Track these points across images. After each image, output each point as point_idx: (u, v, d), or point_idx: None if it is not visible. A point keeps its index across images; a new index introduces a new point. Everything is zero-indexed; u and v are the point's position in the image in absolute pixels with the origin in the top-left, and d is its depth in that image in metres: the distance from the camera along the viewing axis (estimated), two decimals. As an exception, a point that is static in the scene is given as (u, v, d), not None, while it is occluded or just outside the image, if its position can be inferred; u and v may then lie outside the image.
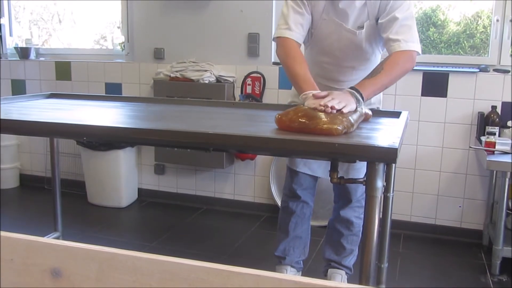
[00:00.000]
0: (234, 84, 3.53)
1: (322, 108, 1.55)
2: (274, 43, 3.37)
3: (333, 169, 1.57)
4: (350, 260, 2.41)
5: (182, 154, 3.55)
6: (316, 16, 2.00)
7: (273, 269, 2.44)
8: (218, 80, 3.48)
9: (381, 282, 1.95)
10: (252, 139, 1.43)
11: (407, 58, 1.87)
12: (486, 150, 2.66)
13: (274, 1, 3.41)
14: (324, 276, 2.44)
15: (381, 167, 1.38)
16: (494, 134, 2.77)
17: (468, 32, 3.35)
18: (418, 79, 3.17)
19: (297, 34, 1.98)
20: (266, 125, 1.64)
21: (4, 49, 4.28)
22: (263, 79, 3.48)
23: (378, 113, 1.97)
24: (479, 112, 3.03)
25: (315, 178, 2.36)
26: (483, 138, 2.80)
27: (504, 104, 3.03)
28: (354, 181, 1.54)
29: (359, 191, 2.28)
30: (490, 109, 2.98)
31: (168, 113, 2.08)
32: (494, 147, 2.66)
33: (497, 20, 3.08)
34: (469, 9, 3.35)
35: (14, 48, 4.22)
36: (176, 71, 3.50)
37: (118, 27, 4.07)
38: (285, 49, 1.99)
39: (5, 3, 4.28)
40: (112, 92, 3.86)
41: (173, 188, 3.88)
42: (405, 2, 1.91)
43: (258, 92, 3.49)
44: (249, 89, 3.51)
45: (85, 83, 3.98)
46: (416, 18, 3.38)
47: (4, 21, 4.28)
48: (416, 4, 3.43)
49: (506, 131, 2.93)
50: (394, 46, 1.86)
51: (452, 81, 3.11)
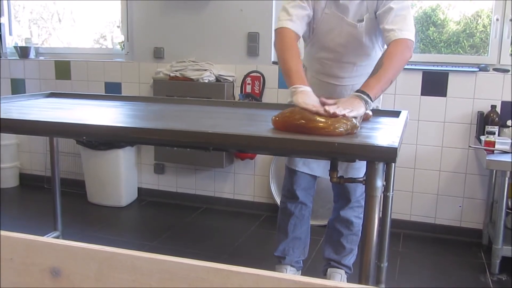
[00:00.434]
0: (233, 84, 3.53)
1: (321, 111, 1.54)
2: (273, 42, 3.40)
3: (333, 169, 1.57)
4: (350, 260, 2.42)
5: (181, 153, 3.54)
6: (318, 11, 2.03)
7: (273, 268, 2.44)
8: (217, 79, 3.48)
9: (380, 281, 1.95)
10: (251, 138, 1.43)
11: (403, 47, 1.85)
12: (485, 150, 2.66)
13: (274, 1, 3.41)
14: (324, 275, 2.45)
15: (380, 167, 1.38)
16: (493, 133, 2.77)
17: (468, 31, 3.35)
18: (418, 78, 3.17)
19: (297, 26, 1.98)
20: (266, 125, 1.64)
21: (4, 48, 4.28)
22: (263, 79, 3.48)
23: (377, 113, 1.97)
24: (478, 112, 3.03)
25: (314, 177, 2.36)
26: (482, 138, 2.80)
27: (503, 103, 3.03)
28: (354, 180, 1.54)
29: (358, 191, 2.29)
30: (490, 108, 2.98)
31: (168, 113, 2.08)
32: (494, 147, 2.66)
33: (497, 20, 3.08)
34: (469, 8, 3.35)
35: (14, 47, 4.22)
36: (176, 71, 3.50)
37: (118, 27, 4.06)
38: (282, 40, 1.98)
39: (4, 2, 4.27)
40: (112, 92, 3.86)
41: (173, 187, 3.88)
42: None
43: (257, 92, 3.49)
44: (248, 89, 3.51)
45: (84, 82, 3.98)
46: (416, 18, 3.41)
47: (4, 20, 4.28)
48: (416, 3, 3.43)
49: (506, 130, 2.93)
50: (389, 35, 1.87)
51: (452, 80, 3.11)
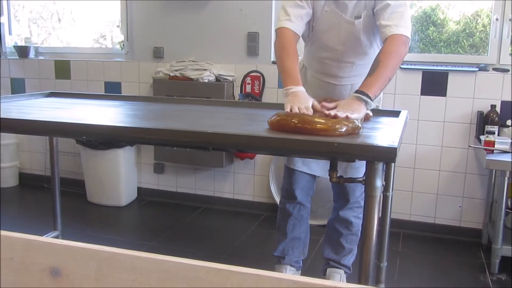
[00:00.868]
0: (233, 83, 3.53)
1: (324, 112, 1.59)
2: (273, 42, 3.40)
3: (332, 168, 1.57)
4: (349, 260, 2.42)
5: (181, 153, 3.54)
6: (317, 10, 2.05)
7: (272, 268, 2.44)
8: (217, 79, 3.48)
9: (380, 281, 1.95)
10: (251, 138, 1.43)
11: (399, 43, 1.85)
12: (485, 149, 2.66)
13: (273, 0, 3.41)
14: (323, 275, 2.45)
15: (380, 167, 1.38)
16: (493, 133, 2.77)
17: (467, 31, 3.35)
18: (418, 78, 3.17)
19: (296, 25, 2.00)
20: (266, 125, 1.64)
21: (4, 48, 4.28)
22: (263, 78, 3.48)
23: (377, 112, 1.98)
24: (478, 111, 3.03)
25: (314, 177, 2.37)
26: (482, 137, 2.80)
27: (503, 103, 3.03)
28: (353, 180, 1.54)
29: (358, 191, 2.29)
30: (490, 108, 2.98)
31: (168, 112, 2.08)
32: (494, 146, 2.66)
33: (497, 19, 3.08)
34: (468, 8, 3.35)
35: (14, 46, 4.22)
36: (176, 70, 3.50)
37: (118, 26, 4.06)
38: (281, 41, 2.01)
39: (4, 1, 4.27)
40: (112, 91, 3.86)
41: (173, 187, 3.88)
42: None
43: (257, 91, 3.49)
44: (248, 88, 3.51)
45: (84, 82, 3.98)
46: (416, 17, 3.41)
47: (4, 19, 4.28)
48: (415, 3, 3.43)
49: (506, 130, 2.93)
50: (385, 31, 1.87)
51: (452, 80, 3.11)
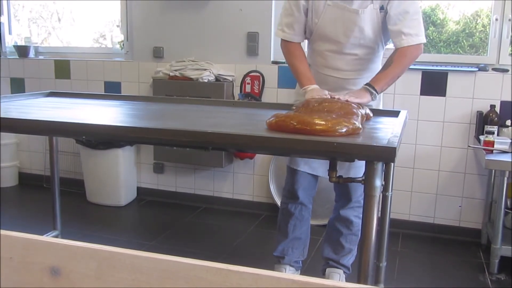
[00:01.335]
0: (233, 83, 3.53)
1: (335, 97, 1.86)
2: (273, 42, 3.43)
3: (332, 168, 1.57)
4: (349, 260, 2.42)
5: (181, 153, 3.55)
6: (319, 6, 2.11)
7: (272, 268, 2.44)
8: (217, 79, 3.48)
9: (379, 281, 1.96)
10: (251, 138, 1.43)
11: (416, 50, 2.08)
12: (484, 149, 2.66)
13: (273, 0, 3.41)
14: (323, 275, 2.45)
15: (379, 166, 1.39)
16: (492, 133, 2.77)
17: (467, 31, 3.36)
18: (417, 78, 3.17)
19: (298, 36, 2.22)
20: (265, 125, 1.64)
21: (4, 48, 4.28)
22: (262, 78, 3.48)
23: (377, 112, 1.98)
24: (478, 111, 3.03)
25: (316, 177, 2.37)
26: (481, 137, 2.80)
27: (503, 103, 3.04)
28: (353, 180, 1.55)
29: (360, 190, 2.29)
30: (489, 108, 2.98)
31: (167, 112, 2.08)
32: (493, 146, 2.66)
33: (496, 19, 3.08)
34: (468, 8, 3.35)
35: (13, 46, 4.22)
36: (175, 70, 3.50)
37: (117, 26, 4.06)
38: (285, 48, 2.26)
39: (4, 1, 4.27)
40: (111, 91, 3.86)
41: (172, 187, 3.88)
42: None
43: (257, 91, 3.49)
44: (248, 88, 3.51)
45: (84, 81, 3.98)
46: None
47: (4, 19, 4.28)
48: (418, 2, 3.43)
49: (505, 130, 2.93)
50: (406, 39, 2.05)
51: (451, 80, 3.12)
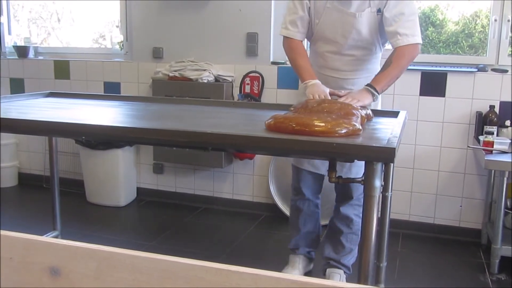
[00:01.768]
0: (232, 84, 3.53)
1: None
2: (272, 43, 3.43)
3: (331, 169, 1.57)
4: (349, 260, 2.42)
5: (180, 153, 3.55)
6: (319, 8, 2.18)
7: (271, 268, 2.43)
8: (216, 79, 3.48)
9: (380, 281, 1.96)
10: (250, 138, 1.43)
11: (413, 50, 2.11)
12: (484, 150, 2.67)
13: (272, 1, 3.41)
14: (323, 275, 2.45)
15: (379, 167, 1.39)
16: (492, 133, 2.77)
17: (466, 31, 3.36)
18: (417, 78, 3.18)
19: (301, 34, 2.27)
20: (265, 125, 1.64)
21: (3, 48, 4.28)
22: (262, 79, 3.48)
23: (376, 113, 1.98)
24: (477, 112, 3.03)
25: (321, 175, 2.40)
26: (481, 138, 2.80)
27: (502, 103, 3.04)
28: (353, 180, 1.55)
29: (361, 189, 2.30)
30: (488, 108, 2.98)
31: (167, 113, 2.09)
32: (492, 147, 2.67)
33: (495, 20, 3.09)
34: (467, 8, 3.36)
35: (13, 46, 4.22)
36: (175, 71, 3.50)
37: (117, 26, 4.06)
38: (288, 45, 2.32)
39: (4, 1, 4.27)
40: (111, 91, 3.86)
41: (172, 187, 3.88)
42: None
43: (256, 92, 3.49)
44: (247, 89, 3.51)
45: (83, 82, 3.98)
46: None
47: (3, 19, 4.28)
48: (414, 3, 3.43)
49: (504, 130, 2.93)
50: (402, 39, 2.09)
51: (451, 80, 3.12)
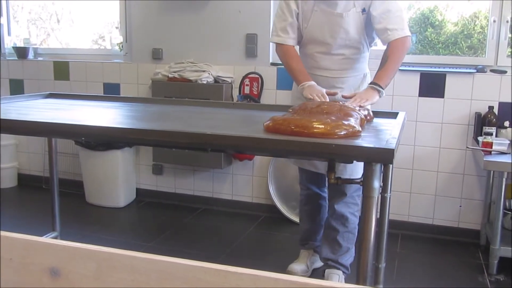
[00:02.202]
0: (232, 85, 3.54)
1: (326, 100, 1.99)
2: (272, 44, 3.42)
3: (331, 170, 1.58)
4: (347, 259, 2.43)
5: (180, 154, 3.55)
6: (307, 12, 2.26)
7: (271, 269, 2.44)
8: (216, 80, 3.48)
9: (378, 282, 1.96)
10: (250, 139, 1.44)
11: (404, 42, 2.18)
12: (483, 150, 2.67)
13: (272, 2, 3.42)
14: (322, 276, 2.45)
15: (378, 168, 1.39)
16: (491, 134, 2.78)
17: (465, 32, 3.36)
18: (416, 79, 3.18)
19: (292, 39, 2.33)
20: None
21: (3, 49, 4.28)
22: (261, 80, 3.48)
23: (375, 114, 1.98)
24: (476, 113, 3.04)
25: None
26: (480, 139, 2.81)
27: (501, 104, 3.04)
28: (352, 181, 1.55)
29: (354, 186, 2.35)
30: (487, 109, 2.98)
31: (166, 114, 2.09)
32: (491, 147, 2.67)
33: (494, 21, 3.09)
34: (466, 9, 3.36)
35: (13, 47, 4.22)
36: (174, 72, 3.50)
37: (117, 27, 4.07)
38: (280, 49, 2.37)
39: (3, 2, 4.27)
40: (110, 92, 3.86)
41: (171, 188, 3.88)
42: None
43: (256, 93, 3.49)
44: (247, 90, 3.51)
45: (83, 83, 3.98)
46: (414, 19, 3.42)
47: (3, 20, 4.28)
48: (413, 4, 3.44)
49: (503, 131, 2.94)
50: (392, 34, 2.16)
51: (449, 81, 3.12)
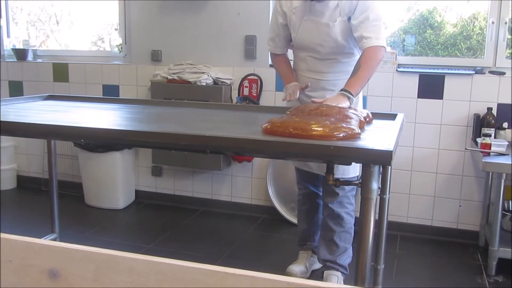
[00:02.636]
0: (231, 86, 3.54)
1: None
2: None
3: (329, 171, 1.58)
4: (345, 260, 2.43)
5: (179, 156, 3.55)
6: (296, 22, 2.33)
7: (269, 270, 2.44)
8: (215, 82, 3.49)
9: (377, 283, 1.96)
10: (249, 141, 1.44)
11: (377, 52, 2.18)
12: (481, 152, 2.68)
13: (270, 4, 3.42)
14: (321, 278, 2.46)
15: (376, 169, 1.39)
16: (489, 135, 2.78)
17: (464, 33, 3.37)
18: (414, 81, 3.18)
19: (280, 49, 2.48)
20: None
21: (2, 51, 4.28)
22: (260, 82, 3.48)
23: (374, 115, 1.98)
24: (475, 114, 3.04)
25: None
26: (479, 140, 2.81)
27: (499, 105, 3.05)
28: (350, 183, 1.56)
29: (347, 186, 2.37)
30: (486, 110, 2.99)
31: (165, 115, 2.09)
32: (490, 149, 2.67)
33: (493, 22, 3.10)
34: (465, 10, 3.37)
35: (12, 49, 4.22)
36: (174, 73, 3.50)
37: (116, 29, 4.07)
38: (272, 57, 2.57)
39: (2, 4, 4.28)
40: (110, 94, 3.86)
41: (170, 189, 3.88)
42: (374, 4, 2.20)
43: (255, 94, 3.49)
44: (246, 91, 3.52)
45: (82, 84, 3.98)
46: (413, 20, 3.43)
47: (2, 22, 4.28)
48: (413, 6, 3.45)
49: (502, 132, 2.94)
50: (367, 42, 2.18)
51: (448, 83, 3.13)
